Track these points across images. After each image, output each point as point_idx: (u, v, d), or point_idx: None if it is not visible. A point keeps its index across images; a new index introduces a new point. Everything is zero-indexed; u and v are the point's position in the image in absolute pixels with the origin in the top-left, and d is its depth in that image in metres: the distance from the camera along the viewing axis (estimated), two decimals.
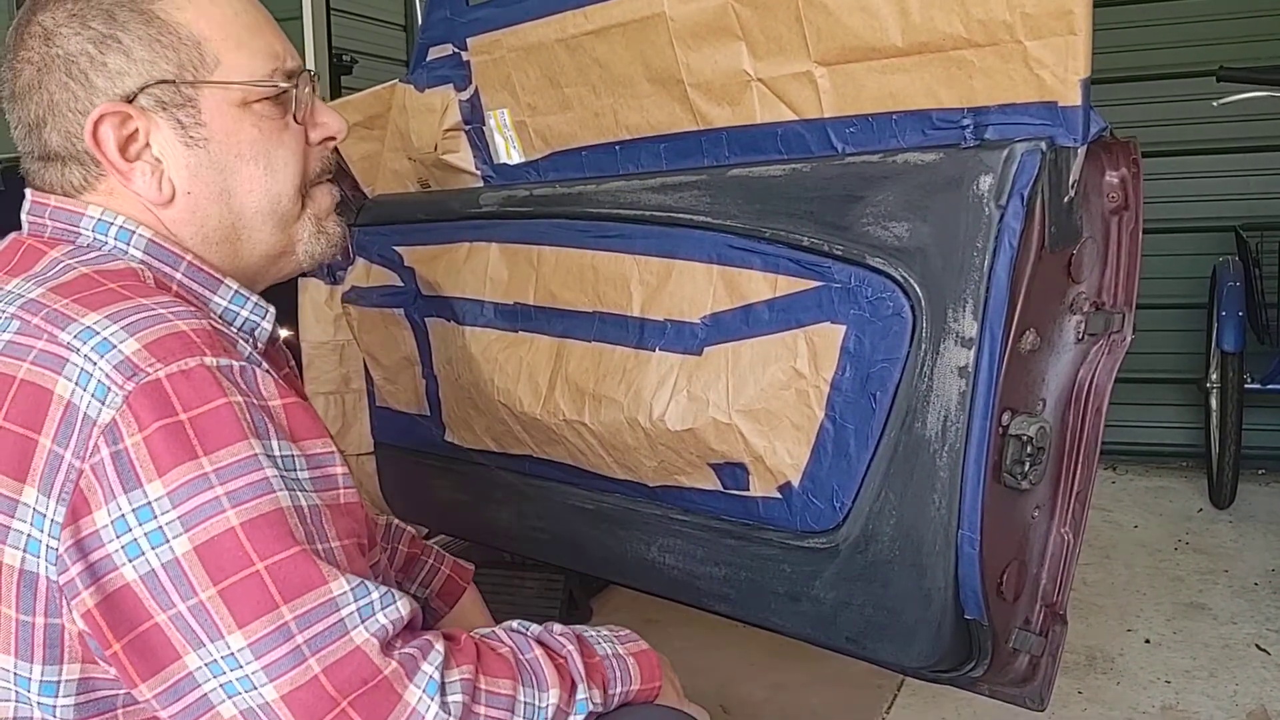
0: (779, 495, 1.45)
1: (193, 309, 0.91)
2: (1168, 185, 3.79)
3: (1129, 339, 1.36)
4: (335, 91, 3.78)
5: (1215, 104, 2.96)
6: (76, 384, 0.83)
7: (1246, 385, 3.53)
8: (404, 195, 2.09)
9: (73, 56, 0.94)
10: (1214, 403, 3.73)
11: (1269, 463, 4.02)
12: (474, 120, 1.87)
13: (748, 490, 1.50)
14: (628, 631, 1.08)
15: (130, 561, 0.81)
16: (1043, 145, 1.20)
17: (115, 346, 0.83)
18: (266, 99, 1.00)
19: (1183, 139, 3.93)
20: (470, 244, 1.86)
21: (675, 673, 1.13)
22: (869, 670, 1.81)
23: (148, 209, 0.98)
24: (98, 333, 0.84)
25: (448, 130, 1.92)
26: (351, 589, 0.85)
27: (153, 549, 0.81)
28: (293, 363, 1.19)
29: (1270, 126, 3.74)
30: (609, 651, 1.03)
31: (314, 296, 2.18)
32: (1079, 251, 1.31)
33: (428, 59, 1.93)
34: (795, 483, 1.42)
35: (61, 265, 0.93)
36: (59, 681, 0.84)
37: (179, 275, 0.98)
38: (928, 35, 1.25)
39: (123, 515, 0.81)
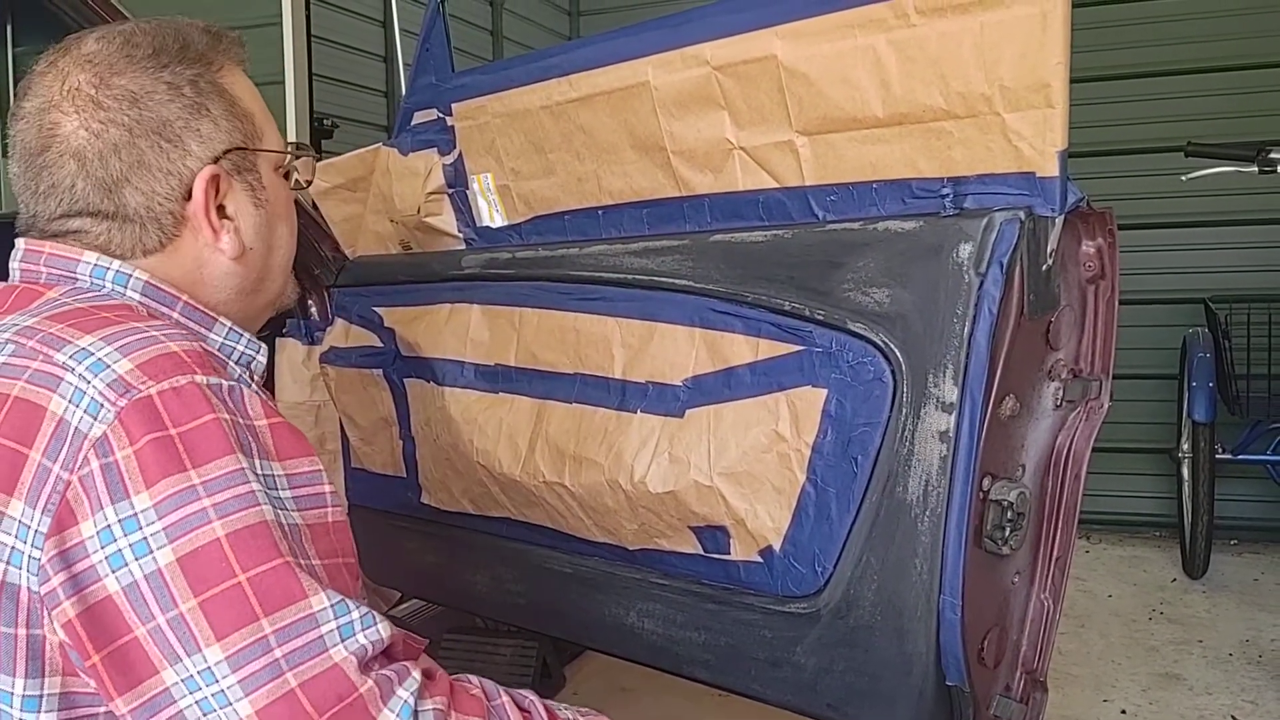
0: (760, 559, 1.44)
1: (186, 333, 0.95)
2: (1139, 258, 3.86)
3: (1106, 406, 1.38)
4: (316, 155, 3.77)
5: (1184, 179, 3.02)
6: (70, 401, 0.85)
7: (1218, 455, 3.58)
8: (385, 257, 2.10)
9: (168, 120, 1.00)
10: (1186, 472, 3.76)
11: (1241, 533, 4.05)
12: (458, 184, 1.88)
13: (728, 554, 1.49)
14: (596, 714, 1.09)
15: (114, 572, 0.82)
16: (1021, 215, 1.22)
17: (109, 366, 0.86)
18: (282, 166, 1.11)
19: (1153, 213, 4.01)
20: (452, 305, 1.86)
21: None
22: None
23: (191, 270, 1.04)
24: (92, 353, 0.87)
25: (431, 193, 1.93)
26: (332, 605, 0.85)
27: (136, 560, 0.82)
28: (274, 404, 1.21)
29: (1237, 201, 3.83)
30: (570, 717, 1.04)
31: (291, 356, 2.17)
32: (1057, 319, 1.32)
33: (412, 123, 1.95)
34: (776, 547, 1.41)
35: (58, 302, 0.96)
36: (41, 696, 0.85)
37: (175, 315, 1.01)
38: (908, 106, 1.27)
39: (109, 526, 0.82)
